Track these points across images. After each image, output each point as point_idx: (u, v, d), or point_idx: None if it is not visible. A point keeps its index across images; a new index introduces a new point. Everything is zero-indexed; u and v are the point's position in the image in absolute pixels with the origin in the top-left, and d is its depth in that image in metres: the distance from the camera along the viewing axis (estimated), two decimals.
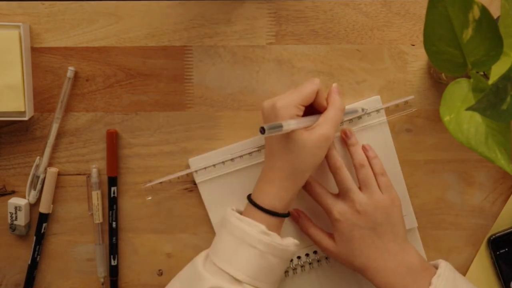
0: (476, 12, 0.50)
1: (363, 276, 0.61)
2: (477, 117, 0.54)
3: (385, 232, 0.60)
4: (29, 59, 0.65)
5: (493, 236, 0.68)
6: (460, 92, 0.56)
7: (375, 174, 0.62)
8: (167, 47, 0.66)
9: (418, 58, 0.66)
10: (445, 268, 0.59)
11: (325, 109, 0.60)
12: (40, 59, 0.66)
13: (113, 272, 0.69)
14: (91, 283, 0.69)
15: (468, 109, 0.47)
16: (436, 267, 0.60)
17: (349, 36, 0.66)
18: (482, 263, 0.69)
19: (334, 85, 0.62)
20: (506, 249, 0.68)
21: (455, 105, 0.55)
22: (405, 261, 0.59)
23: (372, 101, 0.66)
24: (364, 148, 0.64)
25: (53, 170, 0.67)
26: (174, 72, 0.66)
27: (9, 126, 0.67)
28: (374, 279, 0.60)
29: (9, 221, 0.67)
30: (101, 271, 0.68)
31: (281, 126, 0.53)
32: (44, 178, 0.67)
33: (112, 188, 0.67)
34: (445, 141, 0.67)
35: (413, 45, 0.66)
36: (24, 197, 0.68)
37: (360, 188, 0.62)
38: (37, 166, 0.67)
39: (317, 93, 0.59)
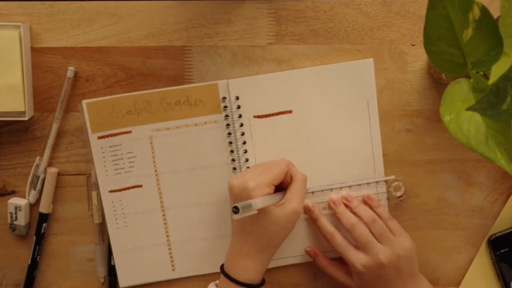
0: (476, 12, 0.50)
1: None
2: (477, 117, 0.54)
3: (405, 272, 0.62)
4: (29, 59, 0.65)
5: (493, 236, 0.68)
6: (460, 92, 0.55)
7: (384, 221, 0.64)
8: (167, 47, 0.66)
9: (418, 58, 0.66)
10: None
11: (289, 183, 0.62)
12: (40, 59, 0.66)
13: (112, 272, 0.69)
14: (91, 283, 0.69)
15: (468, 109, 0.47)
16: None
17: (349, 36, 0.66)
18: (482, 263, 0.69)
19: (289, 161, 0.64)
20: (506, 249, 0.68)
21: (455, 105, 0.55)
22: None
23: (363, 64, 0.66)
24: (366, 200, 0.66)
25: (53, 170, 0.67)
26: (174, 72, 0.66)
27: (9, 126, 0.67)
28: None
29: (9, 221, 0.67)
30: (101, 271, 0.68)
31: (250, 206, 0.54)
32: (44, 178, 0.67)
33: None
34: (445, 141, 0.67)
35: (413, 45, 0.66)
36: (24, 197, 0.68)
37: (377, 240, 0.62)
38: (37, 166, 0.67)
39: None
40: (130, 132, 0.66)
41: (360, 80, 0.65)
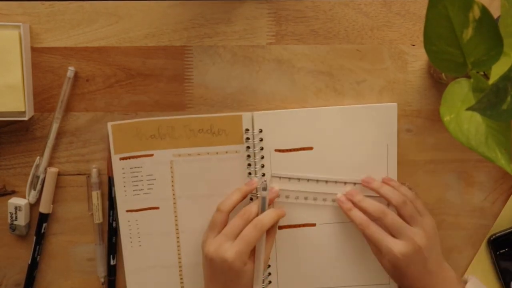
0: (476, 12, 0.50)
1: None
2: (477, 117, 0.54)
3: (433, 254, 0.61)
4: (29, 59, 0.65)
5: (493, 236, 0.68)
6: (460, 92, 0.55)
7: (411, 201, 0.63)
8: (167, 47, 0.66)
9: (418, 58, 0.66)
10: (474, 279, 0.63)
11: None
12: (40, 59, 0.66)
13: (112, 272, 0.69)
14: (91, 283, 0.69)
15: (468, 109, 0.47)
16: (466, 281, 0.63)
17: (349, 36, 0.66)
18: (482, 263, 0.69)
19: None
20: (506, 249, 0.68)
21: (455, 105, 0.55)
22: (445, 278, 0.62)
23: (387, 108, 0.66)
24: (387, 182, 0.65)
25: (53, 170, 0.67)
26: (174, 72, 0.66)
27: (9, 126, 0.67)
28: None
29: (9, 221, 0.67)
30: (101, 271, 0.68)
31: None
32: (44, 178, 0.67)
33: (113, 188, 0.67)
34: (445, 141, 0.67)
35: (413, 45, 0.66)
36: (24, 197, 0.68)
37: (407, 222, 0.61)
38: (37, 166, 0.67)
39: None
40: (152, 155, 0.66)
41: (382, 124, 0.66)
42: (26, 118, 0.64)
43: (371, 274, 0.65)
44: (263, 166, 0.66)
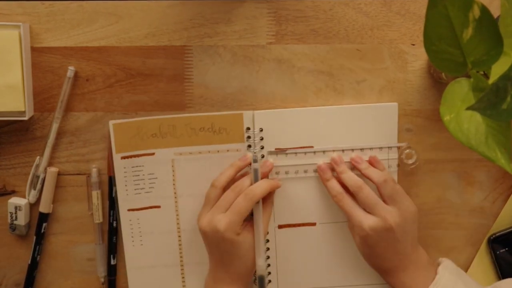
0: (476, 12, 0.50)
1: (377, 272, 0.64)
2: (477, 116, 0.54)
3: (407, 237, 0.61)
4: (29, 59, 0.65)
5: (493, 236, 0.68)
6: (460, 91, 0.55)
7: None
8: (167, 47, 0.66)
9: (418, 58, 0.66)
10: (448, 261, 0.63)
11: None
12: (40, 59, 0.66)
13: (112, 272, 0.69)
14: (91, 283, 0.69)
15: (468, 108, 0.47)
16: (439, 263, 0.63)
17: (349, 36, 0.66)
18: (482, 263, 0.69)
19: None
20: (506, 249, 0.68)
21: (455, 105, 0.55)
22: (417, 260, 0.62)
23: (388, 107, 0.66)
24: (372, 162, 0.65)
25: (53, 170, 0.67)
26: (174, 72, 0.66)
27: (9, 126, 0.67)
28: (386, 277, 0.63)
29: (9, 221, 0.67)
30: (101, 271, 0.68)
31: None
32: (44, 178, 0.67)
33: (114, 188, 0.67)
34: (445, 141, 0.67)
35: (413, 45, 0.66)
36: (24, 197, 0.68)
37: (385, 202, 0.62)
38: (37, 166, 0.67)
39: None
40: (153, 154, 0.66)
41: (383, 123, 0.66)
42: (26, 118, 0.64)
43: (372, 273, 0.65)
44: None
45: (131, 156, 0.66)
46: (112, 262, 0.68)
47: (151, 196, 0.67)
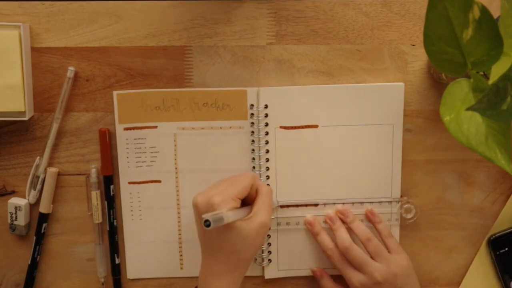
0: (476, 12, 0.50)
1: None
2: (477, 117, 0.54)
3: None
4: (29, 59, 0.65)
5: (493, 236, 0.68)
6: (460, 92, 0.55)
7: (383, 238, 0.65)
8: (167, 47, 0.66)
9: (418, 58, 0.66)
10: None
11: (254, 197, 0.61)
12: (40, 59, 0.66)
13: (116, 271, 0.69)
14: (91, 283, 0.69)
15: (468, 109, 0.47)
16: None
17: (349, 36, 0.66)
18: (482, 263, 0.69)
19: (253, 174, 0.62)
20: (506, 249, 0.68)
21: (455, 105, 0.55)
22: None
23: (394, 87, 0.66)
24: (368, 215, 0.66)
25: (53, 170, 0.67)
26: (174, 72, 0.66)
27: (9, 126, 0.67)
28: None
29: (9, 221, 0.67)
30: (101, 271, 0.68)
31: (222, 219, 0.53)
32: (44, 178, 0.67)
33: (111, 186, 0.67)
34: (445, 141, 0.67)
35: (413, 45, 0.66)
36: (24, 197, 0.68)
37: (372, 258, 0.63)
38: (37, 166, 0.67)
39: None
40: (156, 127, 0.66)
41: (388, 103, 0.66)
42: (26, 118, 0.64)
43: (375, 186, 0.67)
44: (267, 142, 0.66)
45: (133, 128, 0.66)
46: (117, 261, 0.68)
47: (152, 170, 0.67)
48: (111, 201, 0.68)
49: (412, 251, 0.68)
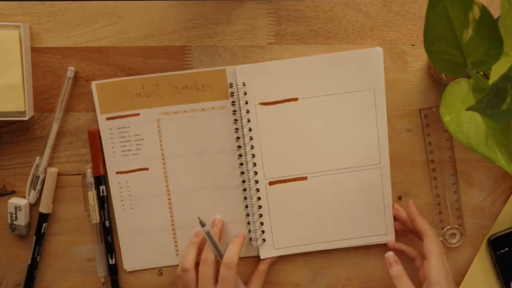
0: (476, 12, 0.50)
1: None
2: (477, 117, 0.54)
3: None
4: (29, 59, 0.65)
5: (493, 236, 0.68)
6: (460, 92, 0.55)
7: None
8: (167, 47, 0.66)
9: (418, 58, 0.66)
10: None
11: None
12: (40, 59, 0.66)
13: (113, 271, 0.69)
14: (91, 283, 0.69)
15: (468, 109, 0.47)
16: None
17: (349, 36, 0.66)
18: (482, 263, 0.69)
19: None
20: (506, 249, 0.68)
21: (455, 105, 0.55)
22: None
23: (372, 52, 0.65)
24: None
25: (53, 170, 0.67)
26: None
27: (9, 126, 0.67)
28: None
29: (9, 221, 0.67)
30: (101, 271, 0.68)
31: None
32: (44, 178, 0.67)
33: (101, 187, 0.67)
34: (445, 141, 0.67)
35: (413, 45, 0.66)
36: (24, 197, 0.68)
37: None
38: (37, 166, 0.67)
39: None
40: (138, 114, 0.66)
41: (368, 69, 0.65)
42: (26, 118, 0.64)
43: (368, 225, 0.66)
44: (249, 120, 0.66)
45: (116, 117, 0.66)
46: (111, 262, 0.68)
47: (138, 158, 0.67)
48: (102, 201, 0.68)
49: None
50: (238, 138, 0.66)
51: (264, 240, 0.68)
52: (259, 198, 0.67)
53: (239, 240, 0.66)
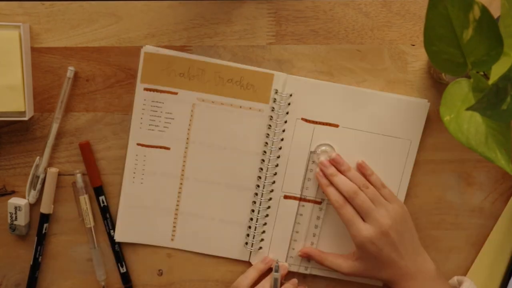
0: (476, 12, 0.50)
1: (385, 283, 0.64)
2: (477, 117, 0.54)
3: (405, 238, 0.62)
4: (29, 59, 0.65)
5: None
6: (460, 92, 0.55)
7: (377, 189, 0.64)
8: (167, 47, 0.66)
9: (418, 58, 0.66)
10: (470, 283, 0.63)
11: None
12: (40, 59, 0.66)
13: (125, 280, 0.69)
14: (91, 283, 0.69)
15: (468, 109, 0.47)
16: (460, 283, 0.64)
17: (349, 36, 0.66)
18: (482, 263, 0.68)
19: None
20: None
21: (455, 105, 0.55)
22: (424, 268, 0.62)
23: (419, 104, 0.66)
24: (360, 167, 0.66)
25: (53, 170, 0.67)
26: None
27: (9, 126, 0.67)
28: (396, 286, 0.63)
29: (9, 221, 0.67)
30: (100, 275, 0.68)
31: None
32: (44, 178, 0.67)
33: (100, 198, 0.67)
34: (445, 141, 0.67)
35: (413, 45, 0.66)
36: (24, 197, 0.68)
37: None
38: (37, 166, 0.67)
39: None
40: (176, 93, 0.66)
41: (410, 118, 0.66)
42: (26, 118, 0.64)
43: None
44: (284, 131, 0.66)
45: (154, 90, 0.66)
46: (122, 270, 0.68)
47: (163, 135, 0.66)
48: (104, 211, 0.67)
49: None
50: (266, 143, 0.66)
51: (260, 248, 0.68)
52: (269, 207, 0.67)
53: (291, 287, 0.66)
